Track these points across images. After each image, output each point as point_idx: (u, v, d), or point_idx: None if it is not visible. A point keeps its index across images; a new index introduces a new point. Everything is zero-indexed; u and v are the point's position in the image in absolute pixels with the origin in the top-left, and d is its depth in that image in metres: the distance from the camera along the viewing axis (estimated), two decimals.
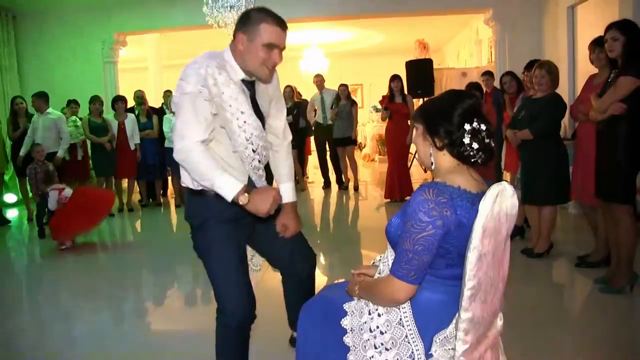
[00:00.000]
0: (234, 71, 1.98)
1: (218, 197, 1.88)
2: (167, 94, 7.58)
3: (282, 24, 1.94)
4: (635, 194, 3.25)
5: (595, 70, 3.82)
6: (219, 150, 1.98)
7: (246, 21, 1.94)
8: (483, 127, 1.47)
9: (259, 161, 2.03)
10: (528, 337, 2.81)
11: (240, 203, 1.83)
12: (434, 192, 1.40)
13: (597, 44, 3.58)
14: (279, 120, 2.25)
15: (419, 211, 1.39)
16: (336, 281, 2.21)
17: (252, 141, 1.97)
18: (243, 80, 2.01)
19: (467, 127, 1.45)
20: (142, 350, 2.94)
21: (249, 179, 2.05)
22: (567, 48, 6.68)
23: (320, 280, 2.47)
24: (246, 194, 1.83)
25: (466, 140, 1.46)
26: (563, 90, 4.17)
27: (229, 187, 1.82)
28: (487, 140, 1.47)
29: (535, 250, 4.25)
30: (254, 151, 1.99)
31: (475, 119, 1.46)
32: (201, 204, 2.03)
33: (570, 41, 6.68)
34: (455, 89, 1.97)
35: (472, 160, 1.48)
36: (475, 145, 1.46)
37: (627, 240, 3.28)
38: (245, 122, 1.94)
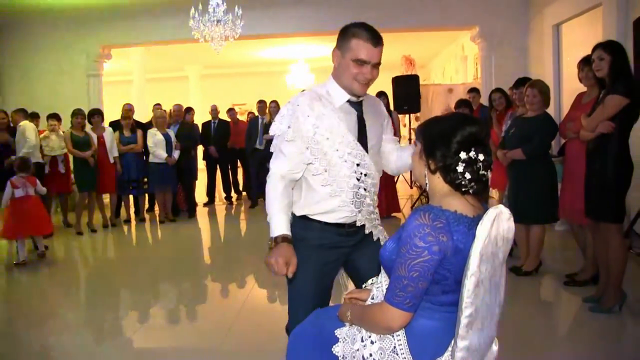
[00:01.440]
0: (335, 96, 1.94)
1: (319, 222, 1.95)
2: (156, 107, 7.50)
3: (374, 40, 1.85)
4: (625, 213, 3.23)
5: (583, 88, 3.83)
6: (319, 180, 1.93)
7: (342, 36, 1.90)
8: (481, 157, 1.40)
9: (365, 189, 1.96)
10: (516, 356, 2.76)
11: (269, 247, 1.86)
12: (429, 217, 1.35)
13: (585, 63, 3.59)
14: (388, 143, 2.16)
15: (414, 236, 1.33)
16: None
17: (354, 170, 1.92)
18: (349, 102, 1.96)
19: (462, 155, 1.39)
20: None
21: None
22: (553, 66, 6.73)
23: None
24: (278, 244, 1.83)
25: (459, 168, 1.40)
26: (549, 107, 4.17)
27: (274, 225, 1.87)
28: (482, 172, 1.41)
29: (524, 268, 4.22)
30: (357, 179, 1.93)
31: (473, 148, 1.40)
32: (304, 225, 2.00)
33: (556, 59, 6.73)
34: (463, 113, 1.92)
35: (464, 189, 1.42)
36: (467, 175, 1.40)
37: (616, 259, 3.26)
38: (347, 152, 1.90)
